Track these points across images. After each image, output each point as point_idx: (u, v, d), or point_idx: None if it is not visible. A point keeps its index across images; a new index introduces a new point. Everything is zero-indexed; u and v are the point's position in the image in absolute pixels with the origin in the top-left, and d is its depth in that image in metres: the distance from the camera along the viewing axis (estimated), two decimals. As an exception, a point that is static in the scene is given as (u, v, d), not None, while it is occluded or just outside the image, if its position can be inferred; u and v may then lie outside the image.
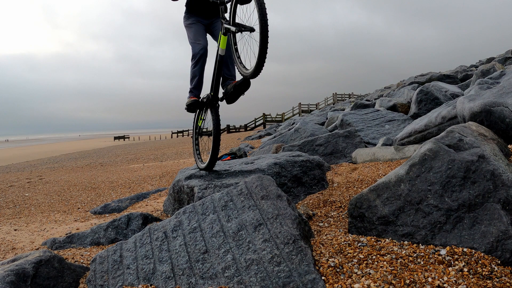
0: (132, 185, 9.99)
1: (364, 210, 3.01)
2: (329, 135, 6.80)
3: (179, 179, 5.12)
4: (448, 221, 2.69)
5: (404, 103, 10.77)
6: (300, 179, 4.54)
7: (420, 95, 8.93)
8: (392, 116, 8.86)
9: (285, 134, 10.64)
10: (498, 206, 2.63)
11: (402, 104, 10.69)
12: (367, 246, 2.75)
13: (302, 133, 9.62)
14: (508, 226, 2.52)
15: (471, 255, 2.49)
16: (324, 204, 3.98)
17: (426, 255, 2.56)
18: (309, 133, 9.26)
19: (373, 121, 8.61)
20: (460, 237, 2.61)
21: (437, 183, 2.81)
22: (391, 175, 3.05)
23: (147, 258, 2.98)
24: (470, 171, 2.80)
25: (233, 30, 4.13)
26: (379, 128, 8.16)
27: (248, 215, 2.96)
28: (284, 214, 2.85)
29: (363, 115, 9.01)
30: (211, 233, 2.94)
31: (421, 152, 3.03)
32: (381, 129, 8.10)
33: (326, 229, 3.30)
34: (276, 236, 2.71)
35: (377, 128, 8.13)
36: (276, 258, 2.56)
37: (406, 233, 2.78)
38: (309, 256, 2.54)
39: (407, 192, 2.88)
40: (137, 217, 4.81)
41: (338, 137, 6.69)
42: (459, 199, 2.72)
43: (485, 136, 3.59)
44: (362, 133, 7.74)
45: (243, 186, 3.28)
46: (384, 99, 11.75)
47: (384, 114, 9.07)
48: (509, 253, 2.44)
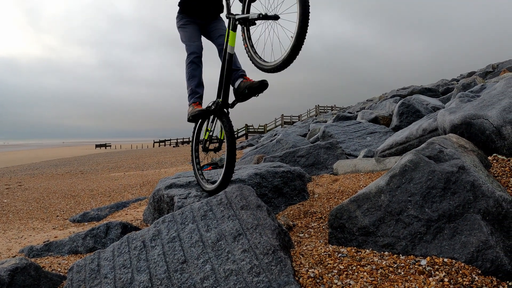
0: (112, 193, 9.92)
1: (345, 221, 2.99)
2: (310, 147, 6.80)
3: (159, 188, 5.08)
4: (428, 232, 2.68)
5: (385, 115, 10.83)
6: (281, 189, 4.53)
7: (402, 107, 9.00)
8: (374, 128, 8.91)
9: (267, 145, 10.64)
10: (478, 216, 2.64)
11: (384, 116, 10.75)
12: (347, 256, 2.74)
13: (284, 144, 9.62)
14: (488, 236, 2.52)
15: (451, 265, 2.49)
16: (304, 215, 3.97)
17: (406, 265, 2.55)
18: (291, 144, 9.26)
19: (355, 133, 8.65)
20: (441, 248, 2.61)
21: (417, 194, 2.81)
22: (372, 186, 3.05)
23: (125, 268, 2.93)
24: (450, 182, 2.80)
25: (253, 17, 3.73)
26: (361, 140, 8.20)
27: (228, 225, 2.93)
28: (263, 225, 2.83)
29: (345, 127, 9.05)
30: (190, 242, 2.91)
31: (402, 163, 3.03)
32: (363, 141, 8.13)
33: (307, 239, 3.29)
34: (255, 247, 2.68)
35: (359, 140, 8.17)
36: (256, 268, 2.53)
37: (386, 244, 2.77)
38: (289, 266, 2.52)
39: (387, 203, 2.87)
40: (116, 226, 4.76)
41: (320, 149, 6.70)
42: (440, 209, 2.72)
43: (465, 147, 3.61)
44: (344, 145, 7.76)
45: (222, 196, 3.26)
46: (366, 112, 11.82)
47: (365, 126, 9.12)
48: (489, 263, 2.44)
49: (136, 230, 4.73)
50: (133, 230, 4.80)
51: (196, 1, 4.83)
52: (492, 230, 2.61)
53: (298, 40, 3.11)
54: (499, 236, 2.62)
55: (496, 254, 2.46)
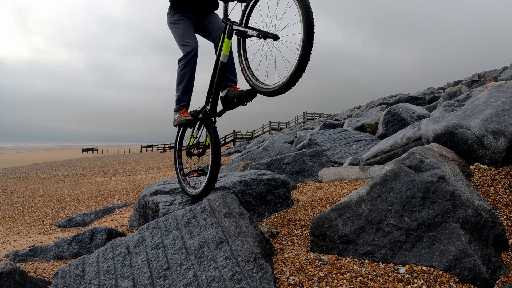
0: (98, 199, 9.89)
1: (326, 229, 3.03)
2: (296, 154, 6.84)
3: (145, 195, 5.08)
4: (407, 240, 2.72)
5: (372, 123, 10.90)
6: (265, 197, 4.55)
7: (388, 116, 9.06)
8: (360, 136, 8.96)
9: (253, 152, 10.66)
10: (457, 225, 2.68)
11: (370, 124, 10.82)
12: (327, 264, 2.77)
13: (271, 151, 9.65)
14: (466, 245, 2.56)
15: (429, 273, 2.52)
16: (288, 223, 4.00)
17: (385, 273, 2.58)
18: (278, 151, 9.30)
19: (341, 140, 8.69)
20: (419, 256, 2.65)
21: (397, 203, 2.85)
22: (353, 195, 3.08)
23: (109, 274, 2.94)
24: (430, 191, 2.85)
25: (252, 34, 3.39)
26: (347, 147, 8.24)
27: (210, 233, 2.96)
28: (245, 232, 2.86)
29: (331, 135, 9.10)
30: (174, 249, 2.93)
31: (382, 173, 3.07)
32: (349, 148, 8.18)
33: (289, 247, 3.31)
34: (237, 254, 2.71)
35: (345, 148, 8.21)
36: (237, 275, 2.55)
37: (366, 252, 2.81)
38: (270, 274, 2.55)
39: (367, 212, 2.91)
40: (102, 232, 4.76)
41: (305, 156, 6.74)
42: (419, 218, 2.76)
43: (446, 157, 3.66)
44: (330, 153, 7.80)
45: (206, 204, 3.29)
46: (352, 119, 11.88)
47: (351, 134, 9.17)
48: (467, 271, 2.48)
49: (121, 236, 4.73)
50: (119, 236, 4.80)
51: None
52: (470, 239, 2.65)
53: (305, 48, 2.91)
54: (478, 245, 2.66)
55: (474, 263, 2.49)
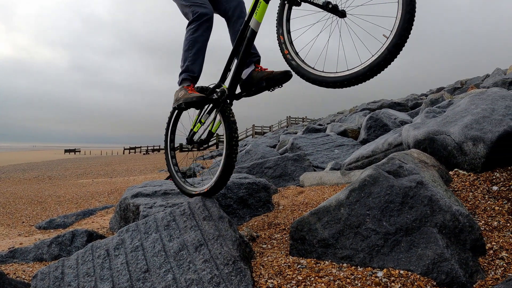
0: (79, 200, 9.84)
1: (305, 233, 3.04)
2: (278, 158, 6.85)
3: (126, 197, 5.07)
4: (386, 244, 2.75)
5: (354, 128, 10.97)
6: (246, 201, 4.56)
7: (370, 121, 9.13)
8: (342, 141, 9.01)
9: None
10: (434, 230, 2.72)
11: (353, 129, 10.88)
12: (306, 268, 2.79)
13: (253, 155, 9.66)
14: (443, 249, 2.59)
15: (407, 277, 2.55)
16: (268, 226, 4.00)
17: (363, 277, 2.60)
18: (260, 155, 9.31)
19: (323, 145, 8.73)
20: (397, 260, 2.68)
21: (375, 207, 2.88)
22: (332, 200, 3.11)
23: (88, 276, 2.92)
24: (408, 196, 2.88)
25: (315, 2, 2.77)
26: (329, 152, 8.28)
27: (190, 235, 2.96)
28: (225, 235, 2.87)
29: (314, 139, 9.13)
30: (153, 252, 2.92)
31: (361, 178, 3.10)
32: (331, 153, 8.22)
33: (269, 251, 3.32)
34: (216, 257, 2.72)
35: (327, 153, 8.25)
36: (216, 278, 2.56)
37: (345, 256, 2.83)
38: (248, 277, 2.56)
39: (346, 216, 2.93)
40: (82, 234, 4.73)
41: (287, 161, 6.76)
42: (397, 223, 2.79)
43: (426, 163, 3.70)
44: (312, 157, 7.83)
45: (186, 207, 3.29)
46: (335, 124, 11.95)
47: (334, 139, 9.21)
48: (444, 275, 2.51)
49: (101, 239, 4.72)
50: (99, 238, 4.77)
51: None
52: (448, 243, 2.68)
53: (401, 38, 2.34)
54: (455, 249, 2.69)
55: (451, 267, 2.53)
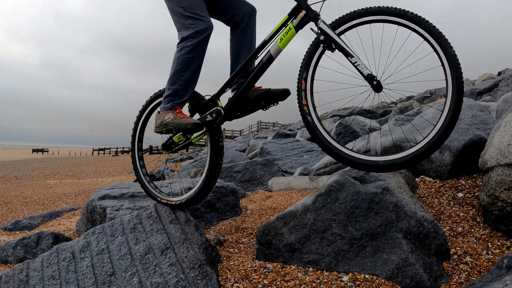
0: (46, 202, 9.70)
1: (272, 238, 3.05)
2: (247, 163, 6.86)
3: (93, 199, 5.01)
4: (351, 249, 2.77)
5: (324, 134, 11.03)
6: (213, 204, 4.55)
7: (340, 128, 9.20)
8: (311, 146, 9.05)
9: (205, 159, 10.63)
10: (399, 235, 2.75)
11: (322, 135, 10.95)
12: (272, 272, 2.79)
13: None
14: (408, 254, 2.63)
15: (372, 281, 2.58)
16: (236, 230, 4.00)
17: (329, 281, 2.62)
18: (229, 159, 9.31)
19: (292, 150, 8.76)
20: (363, 264, 2.70)
21: (341, 213, 2.90)
22: (299, 205, 3.12)
23: (53, 279, 2.88)
24: (374, 202, 2.91)
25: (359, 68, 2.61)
26: (298, 157, 8.31)
27: (156, 239, 2.94)
28: (191, 239, 2.86)
29: (283, 144, 9.16)
30: (119, 255, 2.89)
31: (328, 183, 3.12)
32: (300, 159, 8.25)
33: (236, 255, 3.32)
34: (182, 261, 2.70)
35: (296, 158, 8.28)
36: (182, 282, 2.55)
37: (311, 260, 2.84)
38: (214, 281, 2.55)
39: (312, 221, 2.95)
40: (48, 236, 4.65)
41: (256, 165, 6.76)
42: (363, 228, 2.82)
43: (392, 169, 3.74)
44: (281, 162, 7.85)
45: (153, 210, 3.27)
46: (305, 130, 12.00)
47: (303, 144, 9.25)
48: (409, 279, 2.55)
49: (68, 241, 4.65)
50: (65, 240, 4.71)
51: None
52: (412, 248, 2.72)
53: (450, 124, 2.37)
54: (420, 254, 2.74)
55: (415, 271, 2.57)
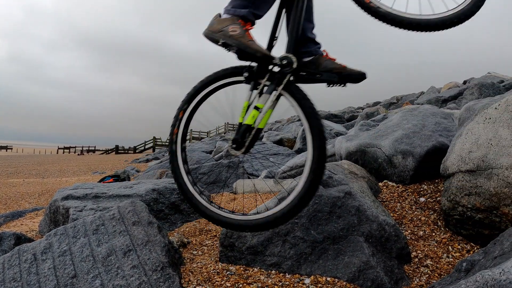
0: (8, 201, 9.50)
1: (234, 240, 3.05)
2: (213, 164, 6.86)
3: (56, 199, 4.93)
4: (313, 252, 2.80)
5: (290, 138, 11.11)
6: (178, 206, 4.53)
7: (305, 131, 9.26)
8: (277, 149, 9.10)
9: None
10: (361, 238, 2.79)
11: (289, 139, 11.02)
12: (235, 274, 2.80)
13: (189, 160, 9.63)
14: (369, 257, 2.68)
15: (334, 284, 2.61)
16: (200, 233, 3.99)
17: (291, 284, 2.64)
18: (195, 160, 9.30)
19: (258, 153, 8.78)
20: (325, 267, 2.73)
21: (304, 216, 2.93)
22: (261, 208, 3.12)
23: (14, 281, 2.83)
24: (336, 206, 2.94)
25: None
26: (264, 160, 8.34)
27: (119, 241, 2.91)
28: (154, 241, 2.84)
29: (249, 147, 9.17)
30: (81, 257, 2.86)
31: (291, 187, 3.14)
32: (265, 161, 8.27)
33: (199, 257, 3.31)
34: (144, 263, 2.69)
35: (262, 161, 8.30)
36: (144, 284, 2.53)
37: (273, 263, 2.86)
38: (177, 283, 2.54)
39: (275, 224, 2.97)
40: (10, 237, 4.55)
41: (222, 167, 6.76)
42: (325, 232, 2.85)
43: (355, 174, 3.79)
44: (247, 165, 7.86)
45: (115, 211, 3.23)
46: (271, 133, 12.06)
47: (269, 147, 9.30)
48: (370, 281, 2.59)
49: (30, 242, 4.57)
50: (27, 241, 4.61)
51: None
52: (374, 252, 2.77)
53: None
54: (381, 257, 2.78)
55: (376, 274, 2.62)
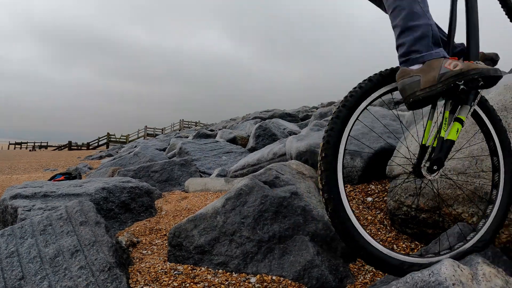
0: (-47, 201, 9.21)
1: (182, 239, 3.09)
2: (165, 162, 6.85)
3: (4, 198, 4.84)
4: (259, 252, 2.86)
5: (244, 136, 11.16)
6: (128, 205, 4.52)
7: (259, 130, 9.33)
8: (230, 148, 9.13)
9: (124, 157, 10.51)
10: (306, 238, 2.87)
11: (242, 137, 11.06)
12: (182, 274, 2.83)
13: (141, 157, 9.56)
14: (314, 256, 2.75)
15: (279, 282, 2.67)
16: (150, 232, 4.00)
17: (237, 283, 2.69)
18: (148, 158, 9.24)
19: (211, 151, 8.81)
20: (270, 266, 2.79)
21: (250, 216, 2.99)
22: (209, 207, 3.18)
23: (-42, 285, 2.80)
24: (282, 206, 3.02)
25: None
26: (216, 158, 8.37)
27: (66, 241, 2.91)
28: (101, 241, 2.85)
29: (202, 145, 9.19)
30: (28, 258, 2.84)
31: (238, 187, 3.20)
32: (218, 159, 8.31)
33: (148, 256, 3.33)
34: (92, 263, 2.69)
35: (214, 159, 8.33)
36: (92, 285, 2.54)
37: (220, 262, 2.91)
38: (124, 284, 2.56)
39: (222, 224, 3.02)
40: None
41: (174, 165, 6.77)
42: (270, 231, 2.92)
43: (303, 174, 3.87)
44: (199, 163, 7.88)
45: (63, 211, 3.22)
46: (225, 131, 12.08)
47: (222, 145, 9.33)
48: (315, 280, 2.66)
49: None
50: (-28, 242, 4.54)
51: None
52: (319, 251, 2.85)
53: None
54: (326, 256, 2.86)
55: (321, 272, 2.69)
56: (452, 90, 2.06)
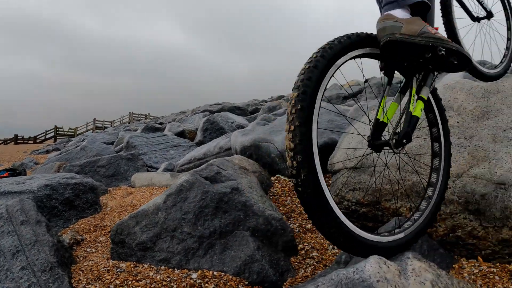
0: None
1: (125, 237, 3.11)
2: (111, 157, 6.81)
3: None
4: (200, 247, 2.92)
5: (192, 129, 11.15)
6: (72, 202, 4.48)
7: (207, 124, 9.35)
8: (178, 141, 9.12)
9: (71, 152, 10.35)
10: (247, 233, 2.94)
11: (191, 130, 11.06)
12: (124, 272, 2.86)
13: (88, 151, 9.46)
14: (254, 251, 2.83)
15: (220, 277, 2.73)
16: (94, 229, 3.99)
17: (179, 279, 2.74)
18: (95, 152, 9.15)
19: (159, 145, 8.78)
20: (212, 262, 2.85)
21: (191, 212, 3.04)
22: (150, 204, 3.21)
23: None
24: (223, 201, 3.08)
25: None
26: (164, 152, 8.35)
27: (7, 241, 2.89)
28: (42, 241, 2.84)
29: (150, 139, 9.14)
30: (-31, 259, 2.81)
31: (178, 183, 3.25)
32: (166, 153, 8.29)
33: (92, 254, 3.33)
34: (33, 264, 2.69)
35: (162, 153, 8.31)
36: (33, 286, 2.54)
37: (162, 259, 2.94)
38: (66, 283, 2.57)
39: (163, 220, 3.06)
40: None
41: (121, 159, 6.74)
42: (211, 227, 2.97)
43: (246, 169, 3.94)
44: (146, 157, 7.85)
45: (3, 210, 3.19)
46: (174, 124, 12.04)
47: (170, 139, 9.30)
48: (256, 274, 2.74)
49: None
50: None
51: None
52: (260, 245, 2.92)
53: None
54: (267, 251, 2.94)
55: (261, 267, 2.77)
56: (429, 51, 2.06)
